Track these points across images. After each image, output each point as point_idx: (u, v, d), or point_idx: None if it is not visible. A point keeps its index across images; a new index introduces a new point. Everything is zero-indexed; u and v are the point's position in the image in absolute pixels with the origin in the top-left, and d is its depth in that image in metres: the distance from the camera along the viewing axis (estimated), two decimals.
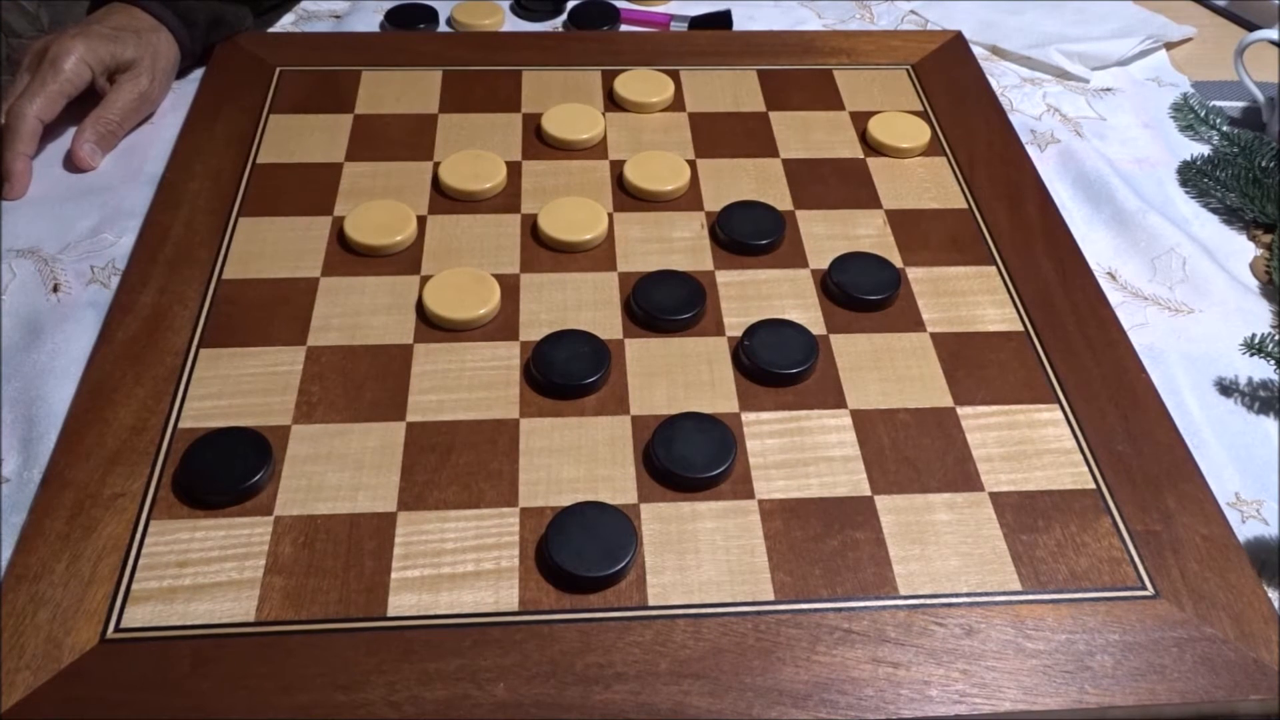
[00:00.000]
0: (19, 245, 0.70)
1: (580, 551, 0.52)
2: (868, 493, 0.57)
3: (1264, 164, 0.80)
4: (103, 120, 0.77)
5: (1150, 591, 0.53)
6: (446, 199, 0.75)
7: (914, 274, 0.71)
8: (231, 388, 0.61)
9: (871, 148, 0.81)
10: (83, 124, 0.77)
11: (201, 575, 0.52)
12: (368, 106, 0.82)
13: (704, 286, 0.68)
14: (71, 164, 0.77)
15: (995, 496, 0.57)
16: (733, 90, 0.86)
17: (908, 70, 0.90)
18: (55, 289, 0.68)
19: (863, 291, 0.68)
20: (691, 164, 0.78)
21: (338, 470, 0.57)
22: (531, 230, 0.72)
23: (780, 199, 0.76)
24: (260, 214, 0.72)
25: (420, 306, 0.66)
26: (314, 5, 0.98)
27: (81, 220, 0.73)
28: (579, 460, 0.58)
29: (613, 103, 0.84)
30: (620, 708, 0.48)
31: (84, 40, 0.77)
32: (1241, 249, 0.76)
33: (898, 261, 0.71)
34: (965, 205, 0.76)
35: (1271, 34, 0.85)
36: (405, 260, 0.70)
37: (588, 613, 0.51)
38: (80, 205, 0.74)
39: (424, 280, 0.68)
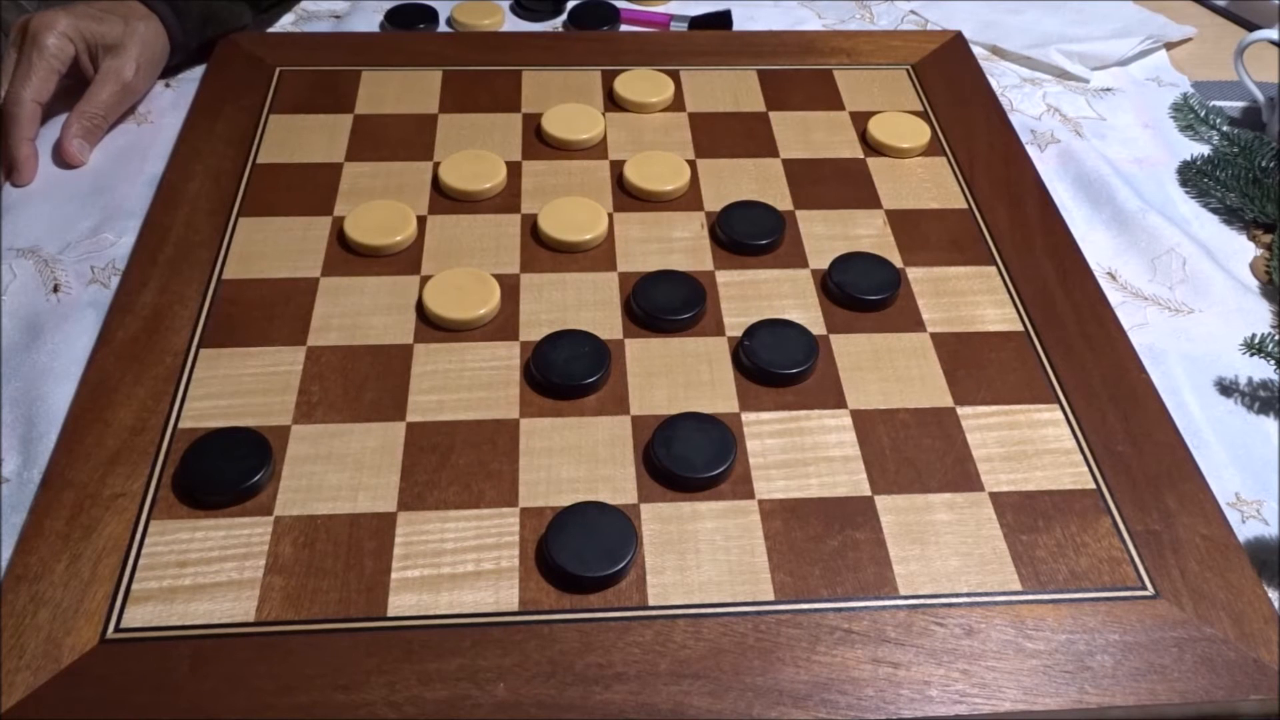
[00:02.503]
0: (20, 244, 0.71)
1: (580, 551, 0.52)
2: (868, 493, 0.57)
3: (1264, 164, 0.80)
4: (86, 114, 0.77)
5: (1150, 591, 0.53)
6: (446, 199, 0.75)
7: (914, 274, 0.70)
8: (231, 388, 0.61)
9: (871, 148, 0.81)
10: (68, 119, 0.77)
11: (201, 575, 0.52)
12: (368, 106, 0.82)
13: (704, 286, 0.68)
14: (62, 161, 0.77)
15: (995, 496, 0.57)
16: (733, 90, 0.86)
17: (908, 70, 0.90)
18: (55, 289, 0.68)
19: (863, 291, 0.68)
20: (691, 164, 0.78)
21: (338, 470, 0.57)
22: (531, 230, 0.72)
23: (780, 199, 0.76)
24: (260, 214, 0.72)
25: (420, 306, 0.66)
26: (314, 5, 0.98)
27: (82, 220, 0.73)
28: (579, 460, 0.58)
29: (613, 103, 0.84)
30: (620, 708, 0.48)
31: (66, 15, 0.77)
32: (1241, 249, 0.76)
33: (898, 261, 0.71)
34: (965, 205, 0.76)
35: (1271, 34, 0.85)
36: (405, 260, 0.70)
37: (588, 613, 0.51)
38: (81, 205, 0.74)
39: (424, 280, 0.68)
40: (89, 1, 0.80)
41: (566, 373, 0.61)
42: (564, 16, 0.97)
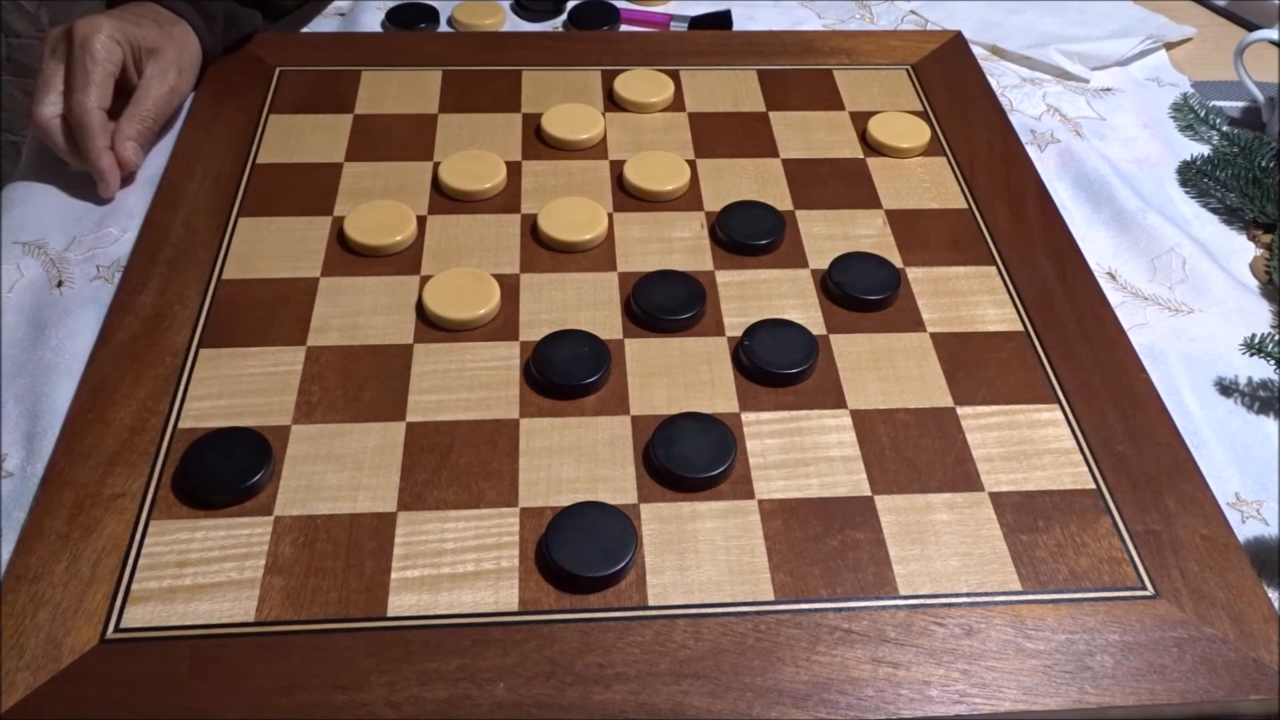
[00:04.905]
0: (25, 238, 0.71)
1: (580, 551, 0.52)
2: (868, 493, 0.57)
3: (1264, 164, 0.80)
4: (138, 117, 0.75)
5: (1150, 591, 0.53)
6: (446, 199, 0.75)
7: (914, 274, 0.70)
8: (231, 388, 0.61)
9: (871, 148, 0.81)
10: (119, 124, 0.75)
11: (201, 575, 0.52)
12: (368, 106, 0.82)
13: (704, 286, 0.68)
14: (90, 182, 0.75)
15: (995, 496, 0.57)
16: (733, 90, 0.86)
17: (908, 70, 0.90)
18: (59, 285, 0.68)
19: (863, 291, 0.68)
20: (691, 164, 0.78)
21: (338, 470, 0.57)
22: (531, 230, 0.72)
23: (780, 199, 0.76)
24: (260, 214, 0.72)
25: (420, 306, 0.66)
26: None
27: (87, 214, 0.73)
28: (579, 460, 0.58)
29: (613, 103, 0.84)
30: (620, 708, 0.48)
31: (108, 19, 0.75)
32: (1241, 249, 0.76)
33: (898, 261, 0.71)
34: (965, 205, 0.76)
35: (1271, 34, 0.85)
36: (405, 260, 0.70)
37: (588, 613, 0.51)
38: (85, 199, 0.74)
39: (424, 280, 0.68)
40: (122, 6, 0.79)
41: (566, 373, 0.61)
42: (564, 16, 0.97)
